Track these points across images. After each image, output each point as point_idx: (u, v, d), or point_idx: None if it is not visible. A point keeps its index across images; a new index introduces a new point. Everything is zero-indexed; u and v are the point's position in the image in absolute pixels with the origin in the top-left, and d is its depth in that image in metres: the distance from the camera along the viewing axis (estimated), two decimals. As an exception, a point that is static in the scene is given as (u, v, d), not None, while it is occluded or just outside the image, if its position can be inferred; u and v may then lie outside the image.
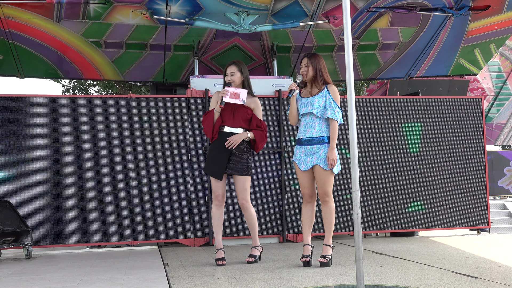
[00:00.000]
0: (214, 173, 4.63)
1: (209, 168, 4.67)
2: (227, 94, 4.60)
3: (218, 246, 4.65)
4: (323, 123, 4.38)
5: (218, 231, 4.69)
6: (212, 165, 4.65)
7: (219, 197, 4.66)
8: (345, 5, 3.33)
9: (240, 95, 4.64)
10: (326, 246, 4.38)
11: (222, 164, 4.60)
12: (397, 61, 7.65)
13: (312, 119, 4.39)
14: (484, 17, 6.73)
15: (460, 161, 6.73)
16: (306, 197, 4.45)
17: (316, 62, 4.45)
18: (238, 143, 4.62)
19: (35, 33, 6.44)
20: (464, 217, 6.69)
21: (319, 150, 4.33)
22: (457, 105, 6.81)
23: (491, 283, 3.46)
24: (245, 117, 4.69)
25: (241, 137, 4.63)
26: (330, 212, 4.37)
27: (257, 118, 4.74)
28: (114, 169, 5.99)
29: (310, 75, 4.46)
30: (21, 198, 5.78)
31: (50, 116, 5.93)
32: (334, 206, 4.38)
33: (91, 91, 14.49)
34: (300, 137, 4.43)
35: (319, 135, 4.35)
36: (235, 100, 4.63)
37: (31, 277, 4.26)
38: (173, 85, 7.84)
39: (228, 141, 4.60)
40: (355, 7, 6.31)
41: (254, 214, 4.70)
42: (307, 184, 4.43)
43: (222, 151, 4.63)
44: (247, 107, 4.71)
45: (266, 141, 4.80)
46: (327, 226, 4.39)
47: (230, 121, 4.66)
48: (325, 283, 3.60)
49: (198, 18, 6.25)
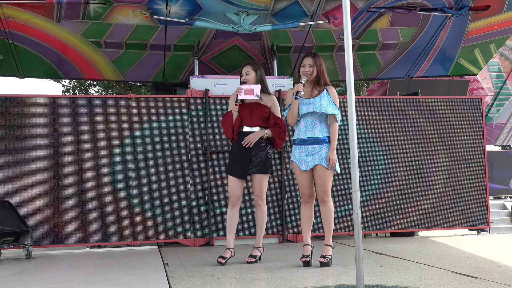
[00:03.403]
0: (236, 173, 4.68)
1: (232, 169, 4.71)
2: (242, 91, 4.64)
3: (228, 245, 4.67)
4: (324, 123, 4.38)
5: (230, 230, 4.70)
6: (234, 165, 4.70)
7: (234, 197, 4.69)
8: (345, 5, 3.33)
9: (253, 91, 4.66)
10: (326, 246, 4.38)
11: (244, 164, 4.65)
12: (397, 61, 7.65)
13: (313, 119, 4.39)
14: (484, 17, 6.73)
15: (460, 161, 6.73)
16: (305, 197, 4.45)
17: (319, 63, 4.44)
18: (255, 141, 4.65)
19: (35, 33, 6.45)
20: (464, 217, 6.69)
21: (321, 150, 4.33)
22: (457, 105, 6.81)
23: (491, 283, 3.46)
24: (263, 116, 4.72)
25: (257, 135, 4.66)
26: (329, 212, 4.37)
27: (275, 115, 4.77)
28: (114, 169, 5.99)
29: (313, 76, 4.45)
30: (21, 198, 5.78)
31: (50, 116, 5.93)
32: (332, 206, 4.38)
33: (91, 91, 14.49)
34: (300, 137, 4.42)
35: (320, 135, 4.35)
36: (250, 96, 4.65)
37: (31, 277, 4.26)
38: (173, 85, 7.85)
39: (245, 140, 4.64)
40: (355, 7, 6.31)
41: (265, 213, 4.74)
42: (307, 185, 4.42)
43: (243, 151, 4.67)
44: (264, 106, 4.74)
45: (286, 137, 4.82)
46: (326, 226, 4.39)
47: (248, 120, 4.70)
48: (325, 283, 3.60)
49: (198, 18, 6.25)
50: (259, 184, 4.69)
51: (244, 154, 4.67)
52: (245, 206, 5.93)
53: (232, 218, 4.69)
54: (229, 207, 4.71)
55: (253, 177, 4.71)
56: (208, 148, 6.11)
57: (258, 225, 4.74)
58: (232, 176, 4.70)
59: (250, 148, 4.66)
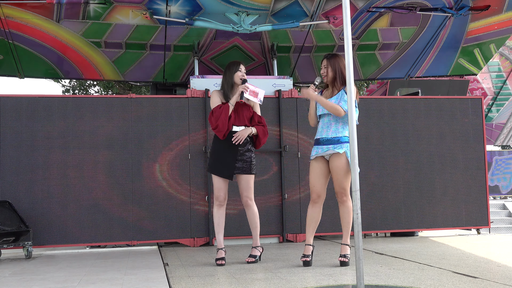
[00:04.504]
0: (223, 173, 4.62)
1: (217, 168, 4.64)
2: (247, 90, 4.58)
3: (219, 245, 4.65)
4: (340, 123, 4.39)
5: (219, 230, 4.69)
6: (220, 165, 4.63)
7: (221, 197, 4.66)
8: (345, 5, 3.33)
9: (258, 95, 4.62)
10: (344, 245, 4.39)
11: (231, 164, 4.60)
12: (397, 61, 7.65)
13: (329, 120, 4.42)
14: (484, 17, 6.73)
15: (460, 161, 6.73)
16: (314, 196, 4.43)
17: (335, 63, 4.45)
18: (244, 138, 4.61)
19: (35, 33, 6.44)
20: (464, 217, 6.69)
21: (335, 149, 4.34)
22: (457, 105, 6.81)
23: (491, 283, 3.46)
24: (248, 115, 4.70)
25: (246, 132, 4.63)
26: (348, 212, 4.37)
27: (258, 114, 4.75)
28: (114, 169, 5.99)
29: (330, 77, 4.47)
30: (21, 198, 5.78)
31: (50, 116, 5.93)
32: (351, 205, 4.35)
33: (91, 91, 14.50)
34: (317, 137, 4.47)
35: (334, 135, 4.37)
36: (254, 98, 4.61)
37: (31, 277, 4.26)
38: (173, 85, 7.84)
39: (235, 137, 4.58)
40: (355, 7, 6.31)
41: (257, 213, 4.71)
42: (317, 183, 4.41)
43: (231, 150, 4.61)
44: (248, 105, 4.72)
45: (268, 136, 4.80)
46: (345, 225, 4.40)
47: (237, 119, 4.65)
48: (325, 283, 3.60)
49: (198, 18, 6.25)
50: (247, 185, 4.65)
51: (231, 153, 4.60)
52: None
53: (221, 218, 4.68)
54: (216, 207, 4.68)
55: (240, 178, 4.65)
56: (208, 148, 6.11)
57: (252, 225, 4.72)
58: (217, 177, 4.64)
59: (238, 147, 4.61)
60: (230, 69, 4.73)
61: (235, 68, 4.72)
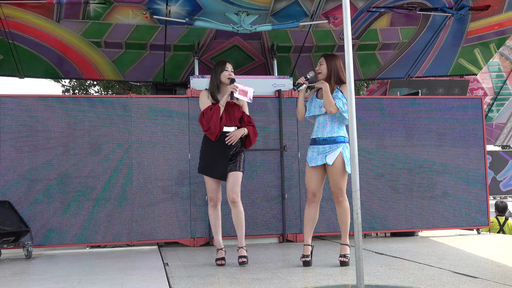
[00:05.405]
0: (215, 174, 4.59)
1: (209, 169, 4.61)
2: (236, 90, 4.55)
3: (218, 246, 4.64)
4: (335, 123, 4.39)
5: (217, 231, 4.67)
6: (213, 166, 4.60)
7: (214, 199, 4.64)
8: (345, 5, 3.33)
9: (248, 93, 4.59)
10: (344, 245, 4.40)
11: (224, 165, 4.57)
12: (397, 61, 7.65)
13: (324, 120, 4.42)
14: (484, 17, 6.73)
15: (460, 161, 6.73)
16: (310, 195, 4.44)
17: (331, 62, 4.45)
18: (237, 138, 4.59)
19: (35, 33, 6.44)
20: (464, 217, 6.68)
21: (331, 150, 4.34)
22: (457, 105, 6.81)
23: (491, 283, 3.46)
24: (238, 116, 4.67)
25: (240, 133, 4.61)
26: (345, 212, 4.38)
27: (247, 114, 4.73)
28: (114, 169, 5.99)
29: (324, 74, 4.46)
30: (21, 198, 5.78)
31: (50, 116, 5.93)
32: (348, 206, 4.36)
33: (91, 91, 14.48)
34: (313, 137, 4.47)
35: (330, 135, 4.37)
36: (244, 98, 4.58)
37: (31, 277, 4.26)
38: (173, 85, 7.84)
39: (228, 137, 4.56)
40: (355, 7, 6.31)
41: (243, 211, 4.61)
42: (312, 182, 4.43)
43: (223, 151, 4.58)
44: (238, 105, 4.69)
45: (257, 136, 4.78)
46: (343, 226, 4.41)
47: (228, 120, 4.62)
48: (325, 283, 3.60)
49: (198, 18, 6.25)
50: (236, 181, 4.54)
51: (224, 154, 4.56)
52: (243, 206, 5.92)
53: (217, 219, 4.66)
54: (211, 209, 4.66)
55: (229, 175, 4.57)
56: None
57: (238, 224, 4.57)
58: (210, 178, 4.61)
59: (230, 147, 4.58)
60: (215, 69, 4.71)
61: (221, 68, 4.69)
